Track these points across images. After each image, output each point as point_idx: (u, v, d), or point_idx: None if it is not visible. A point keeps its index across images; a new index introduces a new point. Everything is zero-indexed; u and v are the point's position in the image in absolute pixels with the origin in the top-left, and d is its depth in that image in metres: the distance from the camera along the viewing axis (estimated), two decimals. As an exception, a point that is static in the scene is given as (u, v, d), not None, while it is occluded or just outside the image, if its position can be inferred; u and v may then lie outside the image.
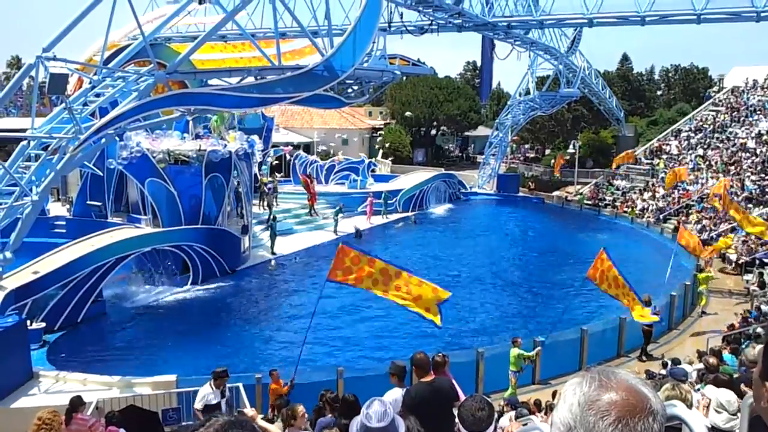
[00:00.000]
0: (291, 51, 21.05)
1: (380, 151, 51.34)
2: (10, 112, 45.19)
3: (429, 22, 25.99)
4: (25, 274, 16.37)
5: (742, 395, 5.04)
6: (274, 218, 27.29)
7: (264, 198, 31.48)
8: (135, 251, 19.79)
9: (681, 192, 36.81)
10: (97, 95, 14.86)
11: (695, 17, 23.44)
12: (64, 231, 22.84)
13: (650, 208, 37.53)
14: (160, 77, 15.08)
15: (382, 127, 60.37)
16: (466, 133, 65.06)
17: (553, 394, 12.38)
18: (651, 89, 66.34)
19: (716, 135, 42.65)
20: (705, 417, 5.05)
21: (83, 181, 24.32)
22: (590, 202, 42.10)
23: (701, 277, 20.79)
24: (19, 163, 13.62)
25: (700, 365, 10.43)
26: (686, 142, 43.87)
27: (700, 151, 41.40)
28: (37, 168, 13.55)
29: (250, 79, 16.35)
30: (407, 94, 59.25)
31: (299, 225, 31.42)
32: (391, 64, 19.16)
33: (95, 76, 15.03)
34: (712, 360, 8.77)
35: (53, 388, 11.59)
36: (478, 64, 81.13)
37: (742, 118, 43.16)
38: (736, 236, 27.39)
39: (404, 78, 47.48)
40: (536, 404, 10.49)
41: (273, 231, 26.53)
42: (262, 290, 22.80)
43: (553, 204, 44.07)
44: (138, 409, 9.38)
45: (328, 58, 15.56)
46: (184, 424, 9.98)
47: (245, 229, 24.90)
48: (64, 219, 24.41)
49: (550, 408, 9.97)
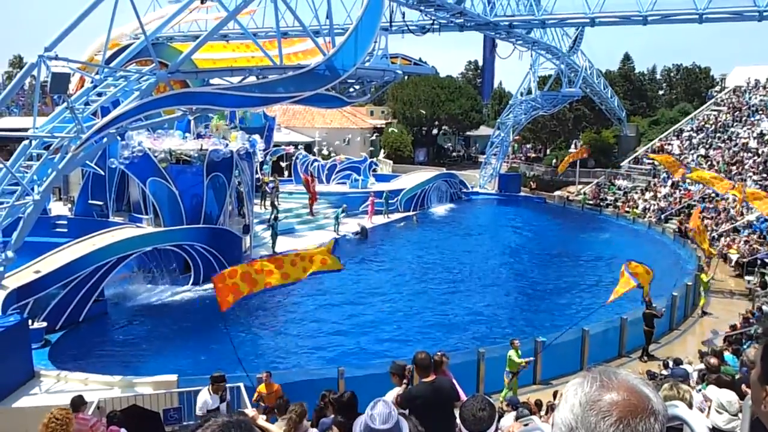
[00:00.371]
0: (303, 51, 20.93)
1: (382, 151, 51.33)
2: (12, 112, 45.28)
3: (431, 22, 25.98)
4: (27, 274, 16.38)
5: (744, 396, 5.04)
6: (276, 218, 27.31)
7: (266, 197, 31.51)
8: (136, 251, 19.81)
9: (683, 192, 36.78)
10: (99, 94, 14.87)
11: (697, 17, 23.41)
12: (66, 230, 22.86)
13: (652, 208, 37.50)
14: (161, 76, 15.09)
15: (383, 126, 60.36)
16: (468, 132, 65.02)
17: (554, 394, 12.38)
18: (653, 89, 66.21)
19: (718, 135, 42.59)
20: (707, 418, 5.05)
21: (85, 181, 24.34)
22: (592, 202, 42.08)
23: (702, 279, 20.76)
24: (21, 163, 13.64)
25: (701, 366, 10.41)
26: (688, 141, 43.81)
27: (702, 151, 41.34)
28: (38, 167, 13.57)
29: (251, 79, 16.36)
30: (409, 93, 59.22)
31: (301, 225, 31.43)
32: (392, 63, 19.14)
33: (97, 75, 15.05)
34: (713, 360, 8.75)
35: (54, 388, 11.58)
36: (480, 63, 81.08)
37: (744, 118, 43.10)
38: (738, 237, 27.40)
39: (406, 77, 47.44)
40: (537, 404, 10.47)
41: (274, 230, 26.55)
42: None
43: (555, 204, 44.06)
44: (140, 409, 9.39)
45: (329, 58, 15.56)
46: (185, 423, 9.98)
47: (246, 229, 24.93)
48: (65, 218, 24.42)
49: (551, 408, 9.98)
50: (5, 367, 11.32)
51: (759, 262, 24.39)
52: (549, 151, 55.39)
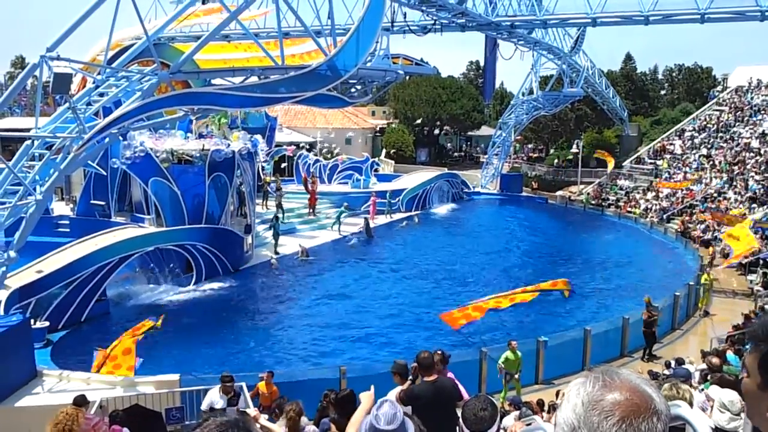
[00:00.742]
0: (307, 52, 20.92)
1: (384, 151, 51.30)
2: (14, 112, 45.37)
3: (432, 22, 25.99)
4: (29, 273, 16.40)
5: (746, 396, 5.03)
6: (277, 218, 27.34)
7: (267, 197, 31.54)
8: (138, 251, 19.82)
9: (684, 192, 36.75)
10: (101, 95, 14.90)
11: (699, 16, 23.38)
12: (68, 230, 22.87)
13: (654, 208, 37.46)
14: (163, 77, 15.11)
15: (385, 126, 60.35)
16: (470, 132, 64.99)
17: (557, 393, 12.37)
18: (654, 89, 66.12)
19: (720, 135, 42.55)
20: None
21: (87, 181, 24.38)
22: (594, 202, 42.04)
23: (704, 279, 20.73)
24: (23, 163, 13.66)
25: (703, 365, 10.40)
26: (690, 141, 43.78)
27: (704, 151, 41.31)
28: (41, 167, 13.59)
29: (253, 79, 16.37)
30: (410, 93, 59.21)
31: (302, 225, 31.45)
32: (394, 63, 19.16)
33: (99, 75, 15.08)
34: (715, 360, 8.75)
35: (57, 387, 11.58)
36: (482, 63, 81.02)
37: (746, 118, 43.05)
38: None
39: (407, 77, 47.43)
40: (539, 404, 10.47)
41: (276, 230, 26.56)
42: (265, 289, 22.83)
43: (557, 204, 44.01)
44: (142, 408, 9.41)
45: (331, 58, 15.57)
46: (187, 423, 9.99)
47: (248, 229, 24.95)
48: (67, 218, 24.43)
49: (553, 408, 9.96)
50: (8, 367, 11.34)
51: (761, 262, 24.35)
52: (551, 151, 55.36)
